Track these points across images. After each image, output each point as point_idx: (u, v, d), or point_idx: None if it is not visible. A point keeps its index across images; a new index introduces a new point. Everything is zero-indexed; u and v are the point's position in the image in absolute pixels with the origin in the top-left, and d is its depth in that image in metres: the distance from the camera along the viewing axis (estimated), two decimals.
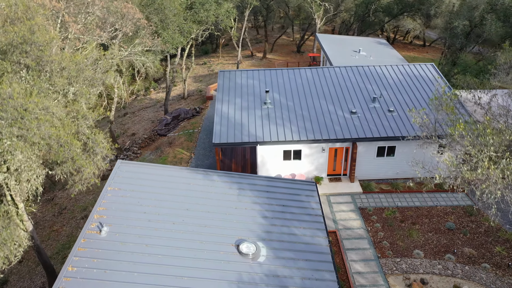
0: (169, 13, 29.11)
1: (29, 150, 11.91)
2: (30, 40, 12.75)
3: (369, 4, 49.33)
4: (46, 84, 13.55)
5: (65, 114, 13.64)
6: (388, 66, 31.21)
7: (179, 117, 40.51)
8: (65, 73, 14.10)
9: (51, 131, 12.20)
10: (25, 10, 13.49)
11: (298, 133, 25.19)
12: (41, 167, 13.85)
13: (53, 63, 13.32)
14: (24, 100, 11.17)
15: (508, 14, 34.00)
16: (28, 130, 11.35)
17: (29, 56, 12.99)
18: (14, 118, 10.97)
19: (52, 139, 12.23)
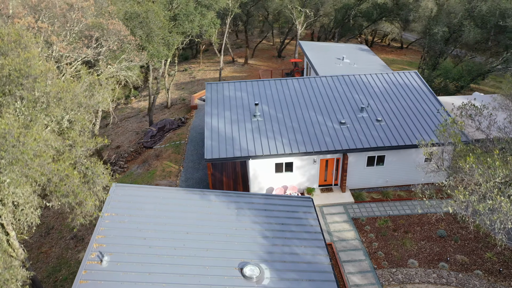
0: (154, 26, 28.78)
1: (28, 186, 11.59)
2: (27, 73, 12.39)
3: (349, 9, 49.97)
4: (42, 114, 13.20)
5: (62, 143, 13.32)
6: (373, 74, 31.70)
7: (164, 128, 40.10)
8: (62, 103, 13.78)
9: (51, 166, 11.90)
10: (18, 39, 13.08)
11: (290, 145, 25.31)
12: (38, 199, 13.50)
13: (49, 94, 12.96)
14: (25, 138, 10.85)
15: (485, 21, 35.04)
16: (29, 169, 11.03)
17: (25, 88, 12.60)
18: (15, 157, 10.64)
19: (53, 174, 11.93)
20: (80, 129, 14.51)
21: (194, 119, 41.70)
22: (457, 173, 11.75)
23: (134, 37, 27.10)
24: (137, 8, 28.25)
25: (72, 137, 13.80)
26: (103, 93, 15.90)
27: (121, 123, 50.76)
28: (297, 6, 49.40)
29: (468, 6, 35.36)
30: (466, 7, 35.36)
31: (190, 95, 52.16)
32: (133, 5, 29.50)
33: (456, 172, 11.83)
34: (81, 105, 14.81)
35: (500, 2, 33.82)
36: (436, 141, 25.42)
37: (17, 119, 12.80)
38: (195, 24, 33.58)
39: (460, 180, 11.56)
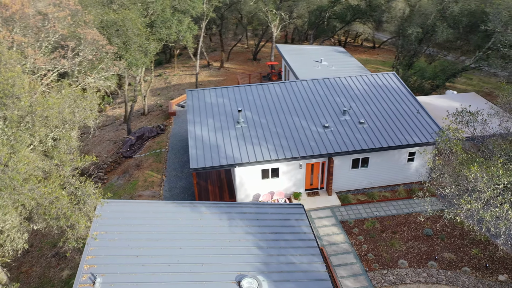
0: (131, 34, 28.12)
1: (15, 211, 10.99)
2: (10, 93, 11.75)
3: (323, 11, 50.41)
4: (27, 134, 12.56)
5: (49, 164, 12.73)
6: (353, 77, 32.03)
7: (143, 136, 39.32)
8: (48, 121, 13.20)
9: (41, 190, 11.35)
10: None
11: (276, 151, 25.23)
12: (25, 223, 12.87)
13: (35, 114, 12.35)
14: (14, 163, 10.26)
15: (457, 21, 36.01)
16: (19, 194, 10.45)
17: (8, 108, 11.95)
18: (4, 184, 10.04)
19: (43, 198, 11.37)
20: (66, 147, 13.95)
21: (173, 126, 41.08)
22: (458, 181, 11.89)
23: (111, 45, 26.41)
24: (114, 16, 27.54)
25: (58, 156, 13.23)
26: (89, 108, 15.33)
27: (96, 132, 49.48)
28: (272, 9, 49.43)
29: (440, 7, 36.25)
30: (438, 8, 36.23)
31: (167, 101, 51.38)
32: (108, 13, 28.75)
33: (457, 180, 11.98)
34: (65, 121, 14.23)
35: (471, 3, 34.84)
36: (417, 142, 25.92)
37: (4, 142, 12.16)
38: (172, 31, 33.05)
39: (464, 189, 11.70)
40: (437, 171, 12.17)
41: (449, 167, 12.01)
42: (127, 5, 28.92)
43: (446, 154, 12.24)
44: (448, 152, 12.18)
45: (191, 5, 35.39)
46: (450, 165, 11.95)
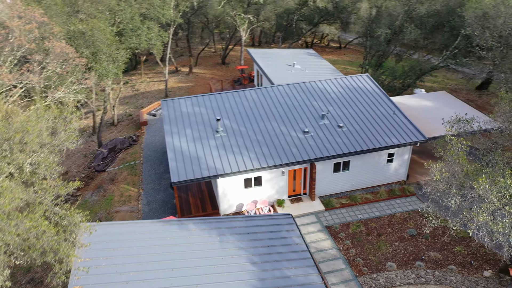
0: (100, 45, 26.98)
1: None
2: None
3: (291, 14, 50.51)
4: (4, 163, 11.58)
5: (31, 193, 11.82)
6: (328, 80, 32.17)
7: (115, 148, 38.00)
8: (27, 147, 12.26)
9: (26, 225, 10.47)
10: None
11: (258, 160, 24.88)
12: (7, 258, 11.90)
13: (13, 140, 11.39)
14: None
15: (424, 22, 36.91)
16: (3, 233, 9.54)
17: None
18: None
19: (29, 233, 10.48)
20: (47, 172, 13.01)
21: (146, 136, 39.95)
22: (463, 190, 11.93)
23: (81, 57, 25.24)
24: (81, 26, 26.34)
25: (40, 184, 12.32)
26: (69, 129, 14.41)
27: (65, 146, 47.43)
28: (240, 13, 49.05)
29: (406, 8, 37.03)
30: (405, 9, 37.00)
31: (136, 109, 49.98)
32: (75, 23, 27.49)
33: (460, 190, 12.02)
34: (44, 145, 13.30)
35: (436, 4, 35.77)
36: (396, 143, 26.28)
37: None
38: (142, 39, 32.05)
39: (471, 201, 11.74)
40: (443, 182, 12.18)
41: (454, 178, 12.06)
42: (94, 14, 27.74)
43: (451, 166, 12.31)
44: (453, 164, 12.25)
45: (160, 12, 34.46)
46: (456, 176, 11.99)
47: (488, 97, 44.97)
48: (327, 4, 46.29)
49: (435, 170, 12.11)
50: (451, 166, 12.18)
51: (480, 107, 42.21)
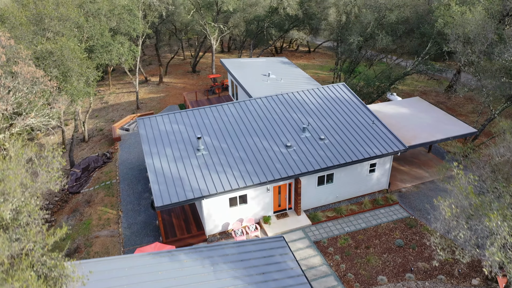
0: (71, 64, 25.77)
1: None
2: None
3: (261, 21, 50.30)
4: None
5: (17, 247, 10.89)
6: (306, 90, 32.12)
7: (89, 167, 36.55)
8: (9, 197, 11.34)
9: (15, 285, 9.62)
10: None
11: (242, 178, 24.44)
12: None
13: None
14: None
15: (394, 28, 37.53)
16: None
17: None
18: None
19: None
20: (30, 219, 12.09)
21: (120, 152, 38.67)
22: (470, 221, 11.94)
23: (51, 80, 24.01)
24: (49, 45, 25.04)
25: (24, 235, 11.41)
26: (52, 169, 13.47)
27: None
28: (210, 22, 48.40)
29: (377, 16, 37.55)
30: (375, 16, 37.51)
31: (107, 123, 48.40)
32: (42, 42, 26.15)
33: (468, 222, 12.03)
34: (25, 188, 12.39)
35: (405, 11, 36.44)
36: (378, 153, 26.48)
37: None
38: (113, 55, 30.90)
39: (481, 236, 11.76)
40: (454, 219, 12.18)
41: (463, 212, 12.11)
42: (62, 32, 26.46)
43: (460, 200, 12.36)
44: (461, 198, 12.30)
45: (131, 26, 33.36)
46: (464, 211, 12.03)
47: (457, 98, 46.35)
48: (297, 12, 46.34)
49: (445, 207, 12.15)
50: (459, 200, 12.24)
51: (450, 109, 43.44)
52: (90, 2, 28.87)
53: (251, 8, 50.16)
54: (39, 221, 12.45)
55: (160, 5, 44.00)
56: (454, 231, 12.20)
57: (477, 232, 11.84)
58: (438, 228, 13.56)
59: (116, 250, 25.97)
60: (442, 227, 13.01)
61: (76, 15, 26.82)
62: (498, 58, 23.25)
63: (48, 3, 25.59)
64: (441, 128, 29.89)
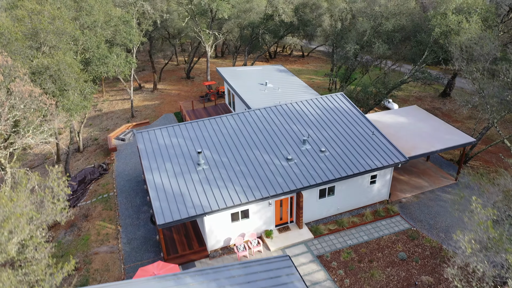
0: (68, 79, 25.35)
1: None
2: None
3: (255, 27, 50.12)
4: None
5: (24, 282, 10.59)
6: (304, 101, 32.02)
7: (85, 180, 36.07)
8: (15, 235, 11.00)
9: None
10: None
11: (244, 193, 24.23)
12: None
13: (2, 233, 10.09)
14: None
15: (390, 36, 37.60)
16: None
17: None
18: None
19: None
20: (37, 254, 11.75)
21: (117, 163, 38.22)
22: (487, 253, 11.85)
23: (48, 97, 23.59)
24: (46, 60, 24.59)
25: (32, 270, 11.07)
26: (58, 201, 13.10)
27: None
28: (204, 29, 48.11)
29: (373, 24, 37.58)
30: (371, 24, 37.54)
31: (101, 132, 47.85)
32: (37, 56, 25.68)
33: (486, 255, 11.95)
34: (31, 221, 12.05)
35: (401, 19, 36.52)
36: (379, 165, 26.45)
37: None
38: (110, 67, 30.48)
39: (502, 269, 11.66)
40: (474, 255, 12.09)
41: (481, 246, 12.05)
42: (59, 46, 26.01)
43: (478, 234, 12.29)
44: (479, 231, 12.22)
45: (127, 38, 32.95)
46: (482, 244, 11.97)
47: (451, 104, 46.62)
48: (292, 19, 46.25)
49: (466, 243, 12.06)
50: (477, 234, 12.18)
51: (446, 115, 43.69)
52: (86, 15, 28.41)
53: (245, 14, 49.94)
54: (45, 254, 12.14)
55: (155, 13, 43.60)
56: (473, 264, 12.12)
57: (497, 266, 11.79)
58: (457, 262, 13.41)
59: (117, 267, 25.62)
60: (461, 260, 12.87)
61: (72, 29, 26.38)
62: (503, 76, 23.24)
63: (43, 17, 25.13)
64: (440, 137, 29.98)
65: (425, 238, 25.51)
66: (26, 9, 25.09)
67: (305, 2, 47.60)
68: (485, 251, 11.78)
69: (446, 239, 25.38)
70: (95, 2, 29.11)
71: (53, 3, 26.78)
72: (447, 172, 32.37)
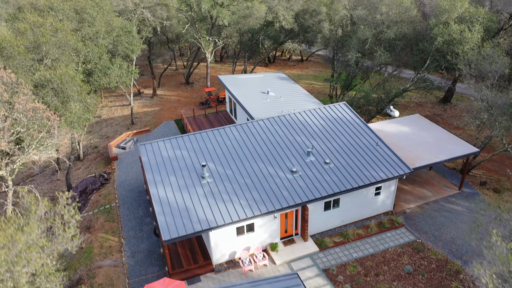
0: (71, 92, 25.13)
1: None
2: None
3: (255, 33, 49.96)
4: None
5: None
6: (307, 111, 31.94)
7: (86, 190, 35.82)
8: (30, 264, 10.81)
9: None
10: None
11: (250, 207, 24.11)
12: None
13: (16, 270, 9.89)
14: None
15: (392, 44, 37.59)
16: None
17: None
18: None
19: None
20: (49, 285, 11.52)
21: (118, 172, 37.97)
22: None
23: (49, 107, 23.38)
24: (48, 74, 24.36)
25: None
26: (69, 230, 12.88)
27: (25, 184, 44.25)
28: (204, 35, 47.92)
29: (375, 31, 37.55)
30: (373, 32, 37.50)
31: (101, 140, 47.56)
32: (39, 69, 25.45)
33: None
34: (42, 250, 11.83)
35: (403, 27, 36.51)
36: (384, 177, 26.40)
37: None
38: (112, 78, 30.27)
39: None
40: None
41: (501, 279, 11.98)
42: (61, 59, 25.78)
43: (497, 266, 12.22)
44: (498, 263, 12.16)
45: (129, 48, 32.73)
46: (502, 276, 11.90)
47: (453, 110, 46.70)
48: (292, 26, 46.14)
49: (487, 278, 11.98)
50: (497, 266, 12.11)
51: (447, 122, 43.74)
52: (88, 26, 28.17)
53: (244, 20, 49.80)
54: (57, 284, 11.96)
55: (155, 20, 43.38)
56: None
57: None
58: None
59: (121, 282, 25.42)
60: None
61: (74, 42, 26.16)
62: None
63: (46, 30, 24.90)
64: (444, 147, 29.97)
65: (430, 251, 25.48)
66: (28, 22, 24.84)
67: (305, 9, 47.51)
68: (505, 283, 11.72)
69: (451, 252, 25.36)
70: (97, 14, 28.89)
71: (55, 15, 26.54)
72: (450, 181, 32.38)
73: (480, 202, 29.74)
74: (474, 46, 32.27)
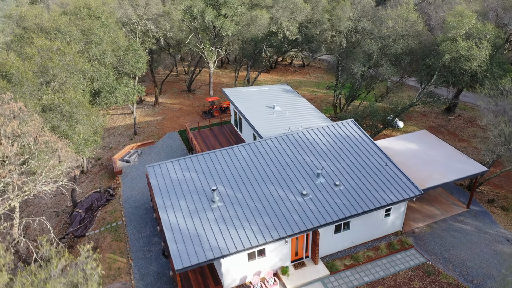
0: (79, 116, 24.89)
1: None
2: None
3: (258, 43, 49.68)
4: None
5: None
6: (315, 129, 31.82)
7: (92, 207, 35.56)
8: None
9: None
10: None
11: (261, 233, 24.01)
12: None
13: None
14: None
15: (398, 58, 37.47)
16: None
17: None
18: None
19: None
20: None
21: (123, 188, 37.75)
22: None
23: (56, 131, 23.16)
24: (56, 99, 24.09)
25: None
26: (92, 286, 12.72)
27: (28, 198, 43.88)
28: (207, 45, 47.61)
29: (380, 45, 37.39)
30: (379, 45, 37.34)
31: (104, 151, 47.24)
32: (47, 92, 25.18)
33: None
34: None
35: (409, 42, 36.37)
36: (394, 200, 26.36)
37: None
38: (119, 97, 29.99)
39: None
40: None
41: None
42: (69, 82, 25.48)
43: None
44: None
45: (135, 66, 32.42)
46: None
47: (457, 121, 46.70)
48: (296, 36, 45.88)
49: None
50: None
51: (451, 133, 43.75)
52: (95, 47, 27.84)
53: (247, 28, 49.52)
54: None
55: (158, 31, 43.04)
56: None
57: None
58: None
59: None
60: None
61: (82, 64, 25.87)
62: None
63: (53, 54, 24.58)
64: (452, 167, 29.95)
65: (441, 274, 25.49)
66: (35, 46, 24.52)
67: (309, 19, 47.26)
68: None
69: (462, 275, 25.40)
70: (104, 34, 28.56)
71: (62, 37, 26.22)
72: (457, 198, 32.41)
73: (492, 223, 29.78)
74: (482, 63, 32.22)
